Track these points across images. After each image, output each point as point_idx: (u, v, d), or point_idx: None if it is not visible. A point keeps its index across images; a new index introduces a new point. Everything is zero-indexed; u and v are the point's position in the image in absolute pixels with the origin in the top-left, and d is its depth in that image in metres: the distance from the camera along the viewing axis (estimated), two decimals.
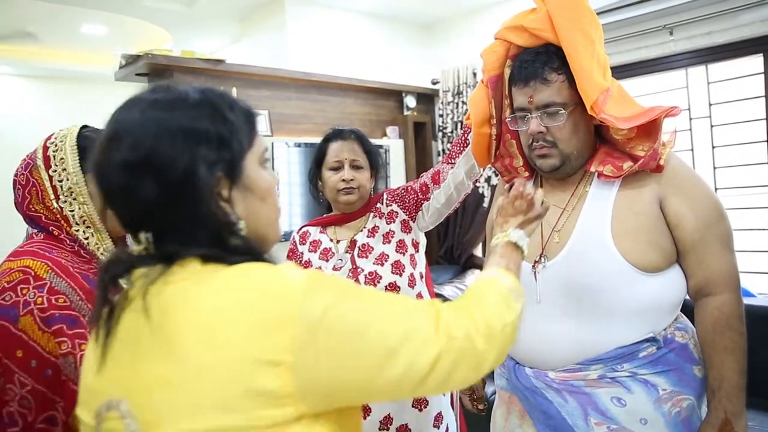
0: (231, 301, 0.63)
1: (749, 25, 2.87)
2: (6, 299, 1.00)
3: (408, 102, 4.14)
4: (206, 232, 0.67)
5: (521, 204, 1.05)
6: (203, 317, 0.63)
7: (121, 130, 0.67)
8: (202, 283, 0.65)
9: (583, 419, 1.19)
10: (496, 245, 0.98)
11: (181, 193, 0.65)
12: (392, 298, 0.71)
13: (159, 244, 0.68)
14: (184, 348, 0.62)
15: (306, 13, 3.81)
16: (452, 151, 1.68)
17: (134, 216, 0.68)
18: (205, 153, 0.66)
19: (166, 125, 0.66)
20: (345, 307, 0.65)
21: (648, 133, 1.20)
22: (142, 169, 0.64)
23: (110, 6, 3.82)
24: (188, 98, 0.69)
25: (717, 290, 1.19)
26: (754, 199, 3.07)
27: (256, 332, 0.61)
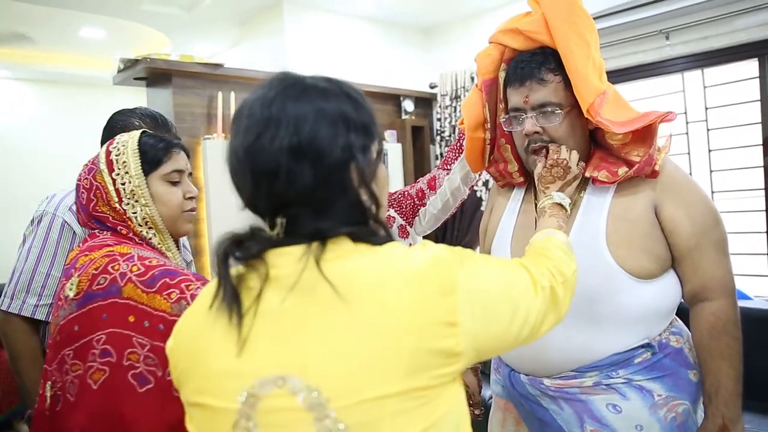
0: (405, 272, 0.68)
1: (745, 30, 2.88)
2: (101, 282, 1.05)
3: (406, 106, 4.15)
4: (354, 215, 0.71)
5: (558, 171, 1.18)
6: (383, 287, 0.67)
7: (276, 115, 0.69)
8: (368, 257, 0.70)
9: (579, 426, 1.19)
10: (543, 207, 1.14)
11: (335, 178, 0.69)
12: (500, 260, 0.81)
13: (292, 227, 0.70)
14: (368, 317, 0.65)
15: (304, 17, 3.82)
16: (448, 156, 1.68)
17: (285, 201, 0.69)
18: (355, 139, 0.70)
19: (322, 112, 0.69)
20: (485, 274, 0.74)
21: (643, 139, 1.19)
22: (303, 153, 0.67)
23: (109, 10, 3.82)
24: (335, 89, 0.73)
25: (712, 296, 1.18)
26: (750, 202, 3.08)
27: (433, 297, 0.66)
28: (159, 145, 1.22)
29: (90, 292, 1.05)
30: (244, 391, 0.67)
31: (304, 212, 0.70)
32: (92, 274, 1.06)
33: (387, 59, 4.22)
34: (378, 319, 0.65)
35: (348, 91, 0.74)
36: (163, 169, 1.21)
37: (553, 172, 1.18)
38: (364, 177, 0.71)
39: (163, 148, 1.22)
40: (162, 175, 1.21)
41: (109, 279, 1.05)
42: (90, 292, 1.05)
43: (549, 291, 0.81)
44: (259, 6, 3.85)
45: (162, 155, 1.21)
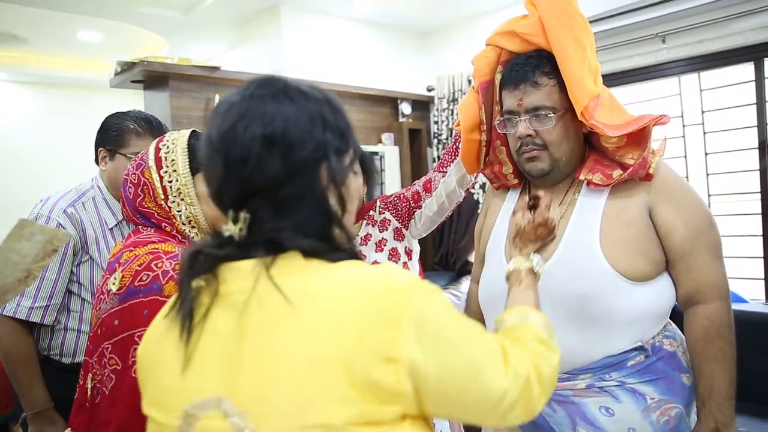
0: (350, 296, 0.64)
1: (741, 34, 2.89)
2: (144, 279, 1.06)
3: (403, 109, 4.15)
4: (318, 217, 0.70)
5: (543, 231, 1.07)
6: (325, 311, 0.64)
7: (250, 109, 0.69)
8: (318, 276, 0.67)
9: (572, 429, 1.19)
10: (518, 270, 1.01)
11: (306, 173, 0.68)
12: (471, 321, 0.72)
13: (255, 228, 0.69)
14: (307, 342, 0.63)
15: (302, 20, 3.83)
16: (444, 159, 1.68)
17: (249, 192, 0.68)
18: (330, 139, 0.70)
19: (300, 109, 0.69)
20: (446, 316, 0.67)
21: (637, 142, 1.19)
22: (275, 143, 0.67)
23: (106, 12, 3.82)
24: (314, 92, 0.73)
25: (706, 299, 1.18)
26: (747, 205, 3.08)
27: (375, 327, 0.62)
28: None
29: (132, 288, 1.05)
30: (184, 410, 0.66)
31: (268, 208, 0.68)
32: (135, 270, 1.07)
33: (384, 62, 4.23)
34: (316, 344, 0.62)
35: (329, 98, 0.74)
36: None
37: (538, 232, 1.06)
38: (334, 179, 0.70)
39: None
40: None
41: (152, 276, 1.05)
42: (132, 287, 1.05)
43: (524, 380, 0.72)
44: (256, 9, 3.85)
45: None
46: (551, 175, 1.27)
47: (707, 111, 3.16)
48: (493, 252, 1.39)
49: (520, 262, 1.02)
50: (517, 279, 1.00)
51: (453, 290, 3.48)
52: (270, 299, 0.65)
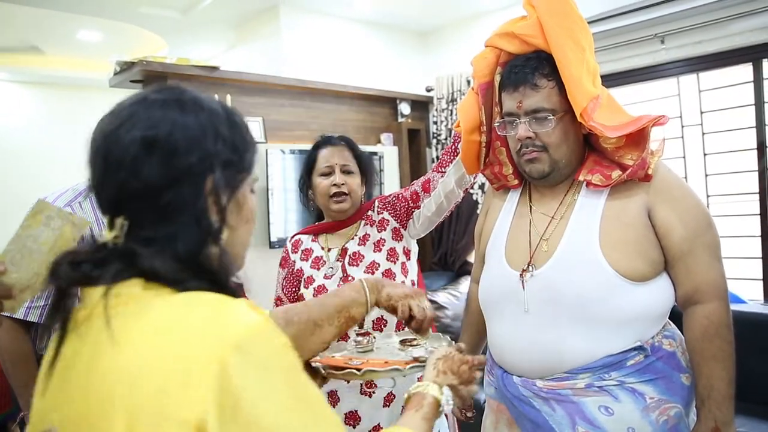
0: (160, 341, 0.57)
1: (739, 35, 2.90)
2: None
3: (402, 109, 4.15)
4: (193, 229, 0.65)
5: (466, 372, 0.94)
6: (132, 355, 0.57)
7: (137, 112, 0.66)
8: (145, 310, 0.60)
9: (571, 428, 1.19)
10: (424, 396, 0.87)
11: (186, 182, 0.64)
12: (323, 412, 0.60)
13: (131, 235, 0.64)
14: (110, 383, 0.57)
15: (301, 20, 3.83)
16: (442, 159, 1.68)
17: (125, 195, 0.64)
18: (221, 152, 0.67)
19: (191, 117, 0.66)
20: (278, 392, 0.56)
21: (636, 142, 1.20)
22: (156, 147, 0.63)
23: (106, 12, 3.82)
24: (212, 104, 0.70)
25: (705, 299, 1.19)
26: (745, 206, 3.09)
27: (176, 380, 0.54)
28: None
29: None
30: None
31: (145, 216, 0.64)
32: None
33: (383, 62, 4.23)
34: (113, 391, 0.56)
35: (231, 113, 0.71)
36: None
37: (460, 369, 0.94)
38: (218, 193, 0.66)
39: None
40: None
41: None
42: None
43: None
44: (255, 9, 3.86)
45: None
46: (551, 176, 1.28)
47: (706, 112, 3.16)
48: (493, 253, 1.39)
49: (430, 388, 0.89)
50: (418, 403, 0.86)
51: (452, 290, 3.49)
52: (98, 334, 0.60)
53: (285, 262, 1.83)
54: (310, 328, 1.01)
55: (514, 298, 1.28)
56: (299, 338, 0.99)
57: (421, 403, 0.85)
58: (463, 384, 0.93)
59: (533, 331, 1.24)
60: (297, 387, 0.59)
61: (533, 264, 1.27)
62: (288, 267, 1.80)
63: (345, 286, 1.10)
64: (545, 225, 1.29)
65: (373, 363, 1.04)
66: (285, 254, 1.84)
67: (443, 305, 3.28)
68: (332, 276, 1.70)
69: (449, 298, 3.36)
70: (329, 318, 1.03)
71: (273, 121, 3.47)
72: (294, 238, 1.86)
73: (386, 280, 1.15)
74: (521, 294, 1.26)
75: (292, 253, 1.82)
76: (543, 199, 1.34)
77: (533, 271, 1.26)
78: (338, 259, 1.72)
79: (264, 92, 3.46)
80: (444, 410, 0.87)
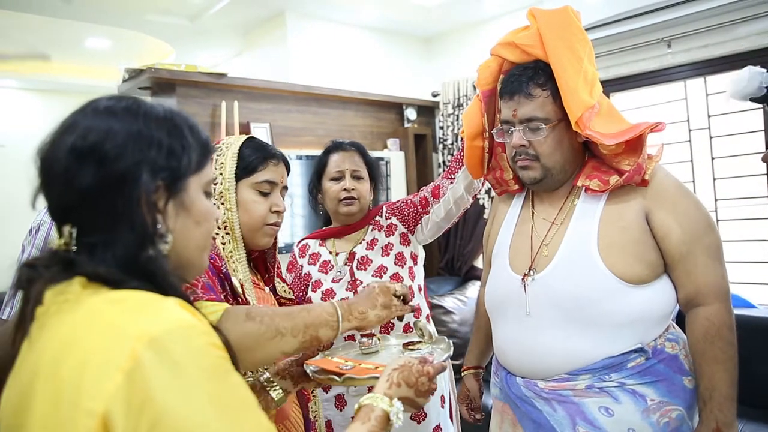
0: (76, 335, 0.58)
1: (746, 38, 2.89)
2: None
3: (408, 114, 4.16)
4: (130, 235, 0.65)
5: (424, 384, 0.90)
6: (49, 354, 0.59)
7: (77, 122, 0.67)
8: (68, 312, 0.61)
9: (572, 428, 1.20)
10: (372, 409, 0.82)
11: (118, 188, 0.65)
12: (247, 416, 0.59)
13: (81, 241, 0.66)
14: (26, 384, 0.59)
15: (307, 27, 3.85)
16: (452, 166, 1.70)
17: (65, 204, 0.66)
18: (153, 158, 0.67)
19: (123, 125, 0.67)
20: (185, 390, 0.54)
21: (634, 149, 1.22)
22: (86, 156, 0.64)
23: (114, 20, 3.85)
24: (152, 111, 0.71)
25: (706, 301, 1.19)
26: (754, 210, 3.07)
27: (87, 374, 0.54)
28: (258, 153, 1.23)
29: None
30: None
31: (87, 223, 0.65)
32: None
33: (389, 68, 4.24)
34: (39, 395, 0.57)
35: (174, 119, 0.71)
36: (255, 178, 1.22)
37: (419, 381, 0.89)
38: (151, 199, 0.66)
39: (260, 156, 1.23)
40: (253, 183, 1.21)
41: None
42: None
43: None
44: (262, 16, 3.88)
45: (257, 164, 1.22)
46: (544, 182, 1.31)
47: (713, 115, 3.15)
48: (497, 257, 1.42)
49: (379, 401, 0.83)
50: (365, 416, 0.81)
51: (458, 295, 3.48)
52: (34, 332, 0.62)
53: (292, 267, 1.83)
54: (272, 333, 0.99)
55: (516, 301, 1.30)
56: (258, 339, 0.98)
57: (368, 416, 0.81)
58: (420, 396, 0.90)
59: (534, 334, 1.26)
60: (217, 388, 0.57)
61: (534, 268, 1.29)
62: (295, 271, 1.81)
63: (317, 305, 1.07)
64: (546, 230, 1.32)
65: (361, 370, 1.04)
66: (292, 259, 1.85)
67: (450, 310, 3.27)
68: (340, 280, 1.70)
69: (456, 303, 3.36)
70: (294, 330, 1.00)
71: (280, 127, 3.48)
72: (301, 243, 1.87)
73: (358, 299, 1.11)
74: (523, 297, 1.28)
75: (299, 258, 1.83)
76: (544, 204, 1.37)
77: (534, 275, 1.28)
78: (346, 263, 1.73)
79: (271, 98, 3.48)
80: (394, 425, 0.83)
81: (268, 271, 1.35)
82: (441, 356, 1.06)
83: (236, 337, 0.93)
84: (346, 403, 1.67)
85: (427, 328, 1.19)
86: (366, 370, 1.03)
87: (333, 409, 1.69)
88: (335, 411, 1.68)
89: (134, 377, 0.53)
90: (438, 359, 0.98)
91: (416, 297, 1.72)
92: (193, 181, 0.72)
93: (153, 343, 0.54)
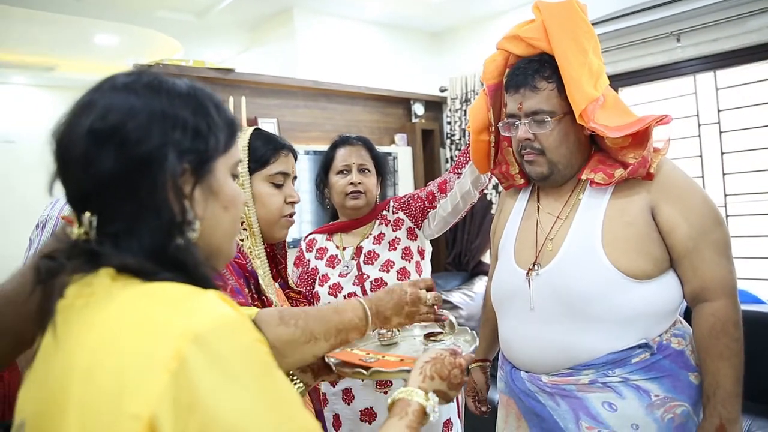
0: (112, 335, 0.54)
1: (756, 32, 2.86)
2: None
3: (416, 109, 4.16)
4: (156, 223, 0.60)
5: (457, 376, 0.88)
6: (84, 354, 0.54)
7: (95, 101, 0.62)
8: (99, 307, 0.57)
9: (575, 423, 1.20)
10: (408, 403, 0.80)
11: (142, 173, 0.60)
12: (294, 415, 0.57)
13: (103, 230, 0.61)
14: (58, 386, 0.55)
15: (315, 22, 3.85)
16: (459, 161, 1.70)
17: (84, 190, 0.61)
18: (179, 140, 0.62)
19: (145, 104, 0.62)
20: (233, 389, 0.51)
21: (641, 142, 1.21)
22: (106, 138, 0.59)
23: (123, 17, 3.87)
24: (175, 87, 0.65)
25: (712, 296, 1.18)
26: (764, 205, 3.04)
27: (128, 378, 0.51)
28: (269, 145, 1.22)
29: None
30: (16, 425, 0.62)
31: (109, 210, 0.60)
32: None
33: (397, 63, 4.24)
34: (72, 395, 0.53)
35: (197, 97, 0.66)
36: (268, 170, 1.21)
37: (452, 373, 0.87)
38: (177, 184, 0.61)
39: (272, 148, 1.21)
40: (267, 176, 1.21)
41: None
42: None
43: None
44: (269, 12, 3.89)
45: (270, 155, 1.21)
46: (551, 177, 1.30)
47: (723, 110, 3.12)
48: (503, 251, 1.42)
49: (414, 394, 0.81)
50: (402, 411, 0.79)
51: (466, 290, 3.48)
52: (62, 327, 0.58)
53: (299, 261, 1.84)
54: (306, 338, 0.97)
55: (520, 295, 1.30)
56: (291, 343, 0.96)
57: (405, 411, 0.79)
58: (453, 389, 0.88)
59: (538, 328, 1.26)
60: (266, 386, 0.55)
61: (539, 263, 1.29)
62: (302, 266, 1.82)
63: (347, 305, 1.03)
64: (551, 225, 1.31)
65: (387, 362, 1.02)
66: (299, 253, 1.86)
67: (457, 305, 3.27)
68: (347, 274, 1.71)
69: (463, 298, 3.36)
70: (326, 334, 0.98)
71: (288, 122, 3.49)
72: (308, 237, 1.87)
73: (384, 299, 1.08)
74: (527, 292, 1.28)
75: (306, 252, 1.83)
76: (549, 199, 1.36)
77: (538, 270, 1.28)
78: (353, 258, 1.74)
79: (278, 94, 3.48)
80: (431, 418, 0.81)
81: (278, 265, 1.35)
82: (468, 348, 1.04)
83: (270, 342, 0.93)
84: (353, 397, 1.68)
85: (449, 318, 1.16)
86: (392, 362, 1.01)
87: (340, 402, 1.69)
88: (343, 405, 1.69)
89: (181, 378, 0.50)
90: (466, 351, 0.96)
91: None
92: (220, 164, 0.67)
93: (198, 340, 0.51)
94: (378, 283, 1.67)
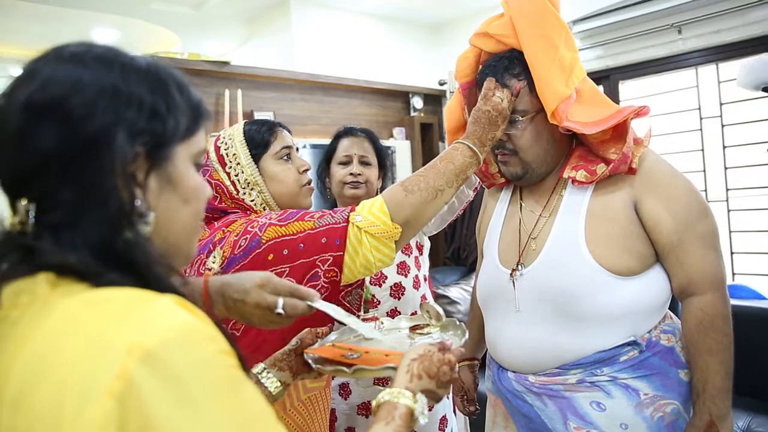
0: (50, 353, 0.47)
1: (759, 23, 2.82)
2: (242, 244, 1.06)
3: (415, 103, 4.13)
4: (102, 213, 0.53)
5: (446, 374, 0.80)
6: (15, 378, 0.47)
7: (37, 70, 0.55)
8: (36, 320, 0.50)
9: (563, 423, 1.18)
10: (394, 406, 0.73)
11: (86, 154, 0.53)
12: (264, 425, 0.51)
13: (42, 221, 0.54)
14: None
15: (312, 14, 3.82)
16: None
17: (20, 172, 0.54)
18: (132, 119, 0.55)
19: (94, 77, 0.55)
20: (191, 410, 0.45)
21: (622, 135, 1.17)
22: (45, 112, 0.53)
23: (119, 9, 3.85)
24: (133, 62, 0.58)
25: (700, 290, 1.16)
26: (766, 199, 3.02)
27: (68, 404, 0.44)
28: (263, 128, 1.26)
29: (231, 257, 1.06)
30: None
31: (49, 198, 0.53)
32: (233, 240, 1.08)
33: (395, 56, 4.21)
34: (8, 416, 0.46)
35: (159, 73, 0.59)
36: (273, 149, 1.24)
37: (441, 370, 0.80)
38: (127, 170, 0.54)
39: (267, 129, 1.25)
40: (273, 155, 1.24)
41: (249, 237, 1.06)
42: (231, 257, 1.06)
43: None
44: (266, 4, 3.86)
45: (268, 136, 1.24)
46: (526, 177, 1.28)
47: (725, 103, 3.09)
48: (487, 251, 1.41)
49: (400, 396, 0.74)
50: (388, 415, 0.72)
51: (464, 285, 3.46)
52: None
53: None
54: (432, 195, 1.06)
55: (505, 295, 1.28)
56: (422, 206, 1.05)
57: (392, 415, 0.72)
58: (442, 387, 0.80)
59: (524, 328, 1.24)
60: (230, 406, 0.48)
61: (522, 263, 1.26)
62: None
63: (454, 151, 1.12)
64: (534, 223, 1.29)
65: (371, 359, 0.94)
66: None
67: (455, 300, 3.26)
68: None
69: (461, 293, 3.34)
70: (449, 182, 1.08)
71: (285, 115, 3.47)
72: None
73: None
74: (512, 292, 1.26)
75: None
76: (532, 197, 1.33)
77: (522, 270, 1.25)
78: None
79: (275, 87, 3.46)
80: (420, 421, 0.74)
81: None
82: (458, 342, 0.99)
83: (406, 215, 1.06)
84: (350, 391, 1.66)
85: (434, 308, 1.10)
86: (376, 359, 0.92)
87: (337, 397, 1.68)
88: (339, 399, 1.68)
89: (128, 402, 0.43)
90: (456, 345, 0.92)
91: (422, 286, 1.71)
92: (180, 150, 0.60)
93: (148, 357, 0.44)
94: (377, 276, 1.65)
